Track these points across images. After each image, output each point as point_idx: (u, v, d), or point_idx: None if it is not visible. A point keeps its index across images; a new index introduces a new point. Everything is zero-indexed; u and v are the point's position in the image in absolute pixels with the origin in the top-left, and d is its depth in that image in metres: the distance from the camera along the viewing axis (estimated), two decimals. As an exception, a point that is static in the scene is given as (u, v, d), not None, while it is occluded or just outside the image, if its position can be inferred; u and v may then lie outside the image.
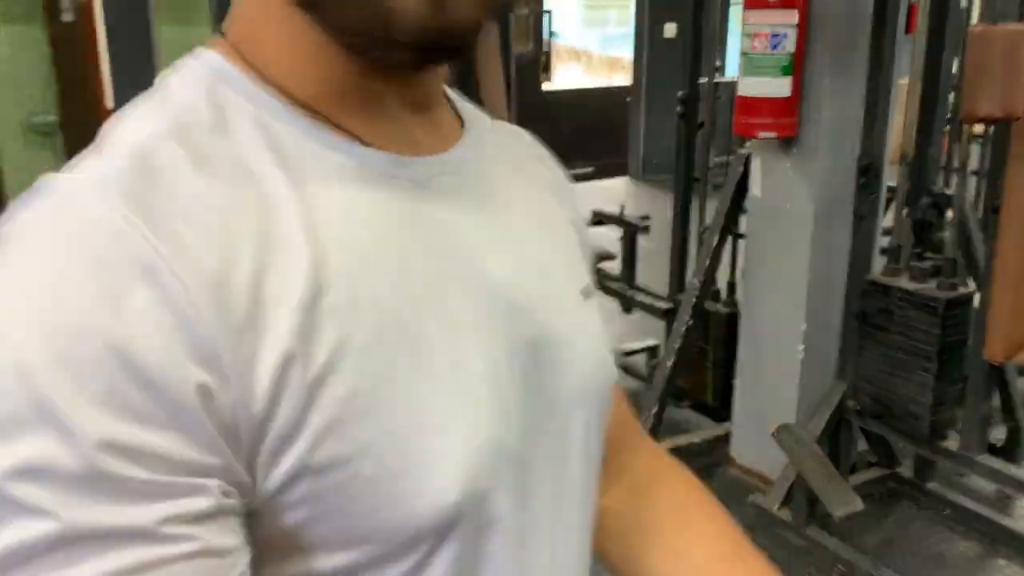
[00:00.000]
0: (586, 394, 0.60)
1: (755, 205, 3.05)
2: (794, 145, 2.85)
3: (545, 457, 0.56)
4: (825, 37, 2.71)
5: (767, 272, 3.03)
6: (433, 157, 0.55)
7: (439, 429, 0.48)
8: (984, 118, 2.37)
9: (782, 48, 2.72)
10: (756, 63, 2.77)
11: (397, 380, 0.47)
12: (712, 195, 3.50)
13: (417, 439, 0.47)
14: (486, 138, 0.62)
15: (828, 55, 2.71)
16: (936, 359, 2.52)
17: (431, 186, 0.54)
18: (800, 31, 2.70)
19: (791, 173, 2.89)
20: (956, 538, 2.82)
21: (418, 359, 0.48)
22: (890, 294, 2.61)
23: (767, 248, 3.02)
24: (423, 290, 0.50)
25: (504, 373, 0.53)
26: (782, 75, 2.74)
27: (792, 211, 2.90)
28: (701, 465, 3.29)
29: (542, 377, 0.56)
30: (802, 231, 2.87)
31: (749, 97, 2.82)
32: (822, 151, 2.80)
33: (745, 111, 2.85)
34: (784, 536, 2.81)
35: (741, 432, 3.24)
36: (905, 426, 2.65)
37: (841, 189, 2.81)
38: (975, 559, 2.72)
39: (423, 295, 0.50)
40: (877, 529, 2.87)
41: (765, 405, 3.08)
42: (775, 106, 2.78)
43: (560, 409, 0.58)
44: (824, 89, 2.74)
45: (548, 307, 0.58)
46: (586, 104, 9.25)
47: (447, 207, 0.54)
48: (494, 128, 0.66)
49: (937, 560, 2.71)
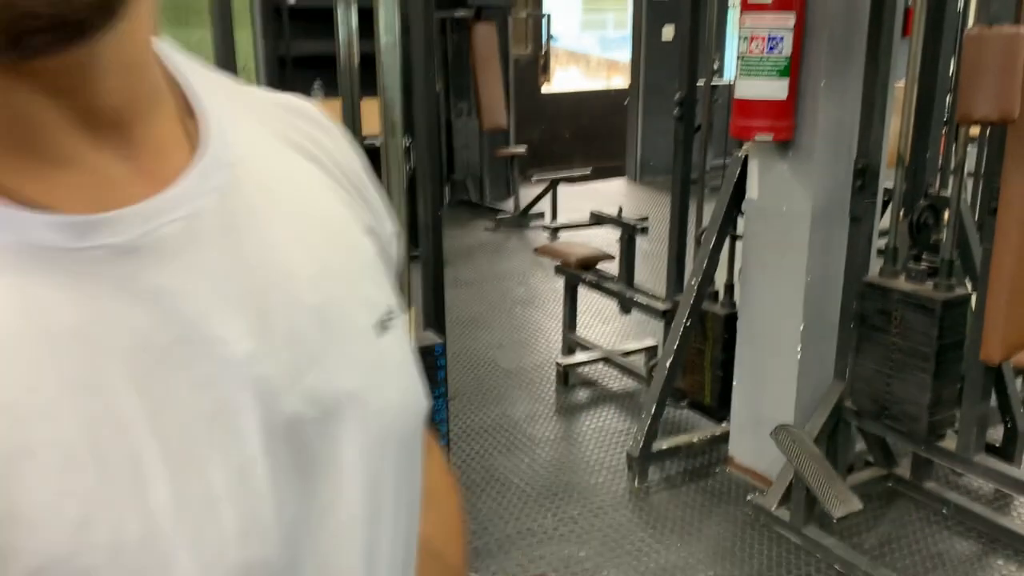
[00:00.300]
0: (386, 444, 0.50)
1: (752, 207, 3.07)
2: (791, 147, 2.87)
3: (329, 544, 0.47)
4: (822, 40, 2.73)
5: (765, 273, 3.05)
6: (147, 203, 0.40)
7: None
8: (980, 120, 2.39)
9: (779, 51, 2.74)
10: (753, 66, 2.78)
11: (97, 545, 0.36)
12: (710, 197, 3.51)
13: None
14: (238, 140, 0.47)
15: (825, 58, 2.73)
16: (933, 360, 2.54)
17: (145, 246, 0.40)
18: (797, 33, 2.71)
19: (788, 175, 2.90)
20: (954, 538, 2.83)
21: (125, 500, 0.37)
22: (887, 296, 2.63)
23: (765, 250, 3.04)
24: (132, 403, 0.38)
25: (258, 476, 0.42)
26: (779, 77, 2.76)
27: (789, 213, 2.91)
28: (699, 465, 3.31)
29: (317, 453, 0.45)
30: (799, 233, 2.89)
31: (746, 99, 2.84)
32: (819, 153, 2.81)
33: (742, 113, 2.86)
34: (782, 536, 2.83)
35: (739, 432, 3.25)
36: (903, 426, 2.67)
37: (838, 191, 2.83)
38: (973, 559, 2.73)
39: (130, 411, 0.38)
40: (875, 529, 2.89)
41: (763, 405, 3.10)
42: (772, 108, 2.80)
43: (350, 479, 0.47)
44: (821, 92, 2.76)
45: (324, 365, 0.46)
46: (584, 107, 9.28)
47: (171, 271, 0.40)
48: (257, 113, 0.52)
49: (935, 560, 2.72)
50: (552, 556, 2.74)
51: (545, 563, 2.71)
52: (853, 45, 2.73)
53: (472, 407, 3.81)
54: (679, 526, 2.92)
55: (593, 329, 4.70)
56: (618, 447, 3.44)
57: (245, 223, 0.45)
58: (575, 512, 3.00)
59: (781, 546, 2.79)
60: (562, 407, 3.85)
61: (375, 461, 0.49)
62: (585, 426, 3.67)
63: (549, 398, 3.92)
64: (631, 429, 3.54)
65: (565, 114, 9.11)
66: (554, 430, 3.63)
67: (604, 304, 4.68)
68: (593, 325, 4.76)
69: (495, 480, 3.20)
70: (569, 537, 2.85)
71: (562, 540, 2.84)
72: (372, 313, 0.51)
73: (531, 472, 3.27)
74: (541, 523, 2.93)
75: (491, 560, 2.72)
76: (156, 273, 0.40)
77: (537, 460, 3.36)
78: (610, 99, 9.28)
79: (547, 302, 5.21)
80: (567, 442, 3.54)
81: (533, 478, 3.22)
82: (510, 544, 2.81)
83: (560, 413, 3.79)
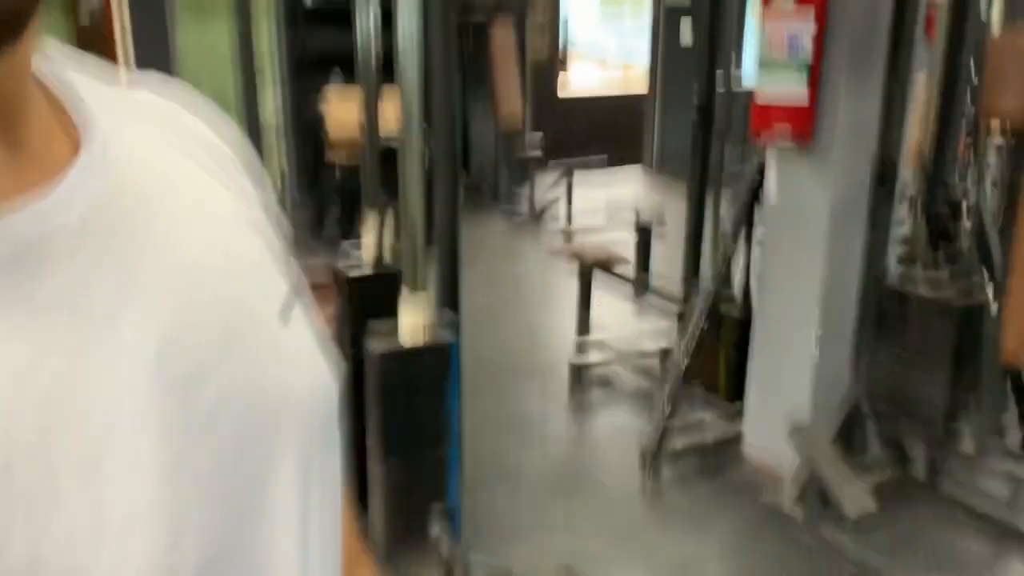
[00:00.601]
0: (305, 430, 0.50)
1: (770, 209, 3.06)
2: (810, 149, 2.87)
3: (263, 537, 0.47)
4: (842, 41, 2.72)
5: (782, 275, 3.05)
6: (31, 208, 0.39)
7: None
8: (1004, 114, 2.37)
9: (799, 52, 2.74)
10: (772, 67, 2.79)
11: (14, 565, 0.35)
12: (727, 200, 3.52)
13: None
14: (123, 141, 0.46)
15: (845, 59, 2.73)
16: (951, 362, 2.54)
17: (33, 253, 0.38)
18: (818, 35, 2.71)
19: (807, 177, 2.90)
20: (968, 539, 2.82)
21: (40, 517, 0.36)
22: (905, 298, 2.62)
23: (782, 251, 3.04)
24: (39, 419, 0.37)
25: (180, 478, 0.41)
26: (799, 79, 2.76)
27: (807, 214, 2.91)
28: (713, 463, 3.31)
29: (241, 448, 0.45)
30: (817, 234, 2.89)
31: (765, 101, 2.84)
32: (838, 155, 2.81)
33: (761, 115, 2.87)
34: (796, 535, 2.82)
35: (754, 431, 3.25)
36: (919, 428, 2.66)
37: (857, 193, 2.82)
38: (987, 560, 2.72)
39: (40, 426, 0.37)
40: (889, 529, 2.88)
41: (778, 405, 3.09)
42: (791, 110, 2.80)
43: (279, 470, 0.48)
44: (841, 93, 2.76)
45: (236, 359, 0.46)
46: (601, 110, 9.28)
47: (66, 274, 0.39)
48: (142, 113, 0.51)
49: (949, 561, 2.71)
50: (564, 549, 2.75)
51: (558, 556, 2.71)
52: (874, 46, 2.73)
53: (486, 404, 3.81)
54: (692, 522, 2.92)
55: (607, 330, 4.70)
56: (631, 445, 3.44)
57: (137, 223, 0.44)
58: (588, 507, 3.00)
59: (794, 544, 2.78)
60: (575, 405, 3.85)
61: (302, 448, 0.49)
62: (598, 424, 3.67)
63: (562, 396, 3.93)
64: (644, 428, 3.54)
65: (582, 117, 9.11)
66: (567, 427, 3.63)
67: (618, 305, 4.68)
68: (607, 326, 4.76)
69: (508, 475, 3.21)
70: (582, 531, 2.86)
71: (574, 534, 2.84)
72: (274, 303, 0.51)
73: (544, 467, 3.27)
74: (553, 516, 2.94)
75: (504, 552, 2.72)
76: (48, 281, 0.38)
77: (550, 456, 3.36)
78: (627, 102, 9.28)
79: (561, 300, 5.21)
80: (580, 439, 3.55)
81: (546, 473, 3.23)
82: (522, 537, 2.81)
83: (573, 411, 3.80)
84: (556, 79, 8.99)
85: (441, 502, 2.43)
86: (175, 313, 0.43)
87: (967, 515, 2.92)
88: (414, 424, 2.35)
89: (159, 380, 0.41)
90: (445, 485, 2.44)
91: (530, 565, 2.66)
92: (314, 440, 0.51)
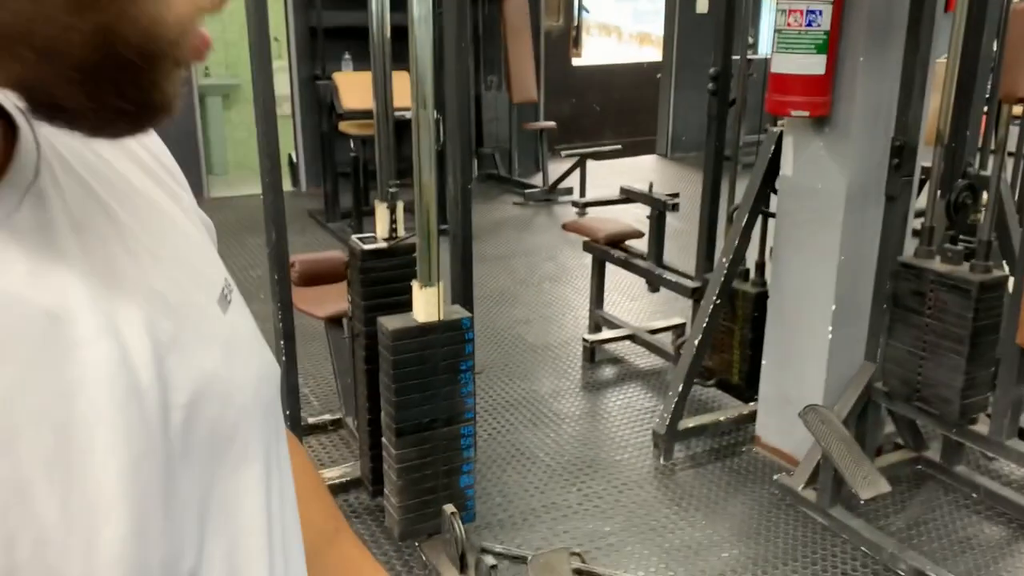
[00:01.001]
0: (254, 416, 0.52)
1: (786, 184, 3.03)
2: (827, 124, 2.82)
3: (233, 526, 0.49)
4: (861, 14, 2.67)
5: (797, 252, 3.01)
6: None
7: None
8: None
9: (817, 25, 2.69)
10: (790, 40, 2.74)
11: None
12: (742, 174, 3.47)
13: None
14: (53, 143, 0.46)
15: (864, 33, 2.67)
16: (968, 342, 2.50)
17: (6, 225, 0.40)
18: (836, 7, 2.66)
19: (823, 152, 2.86)
20: (983, 522, 2.81)
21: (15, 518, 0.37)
22: (922, 276, 2.59)
23: (798, 228, 3.00)
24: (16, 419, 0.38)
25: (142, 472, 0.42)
26: (816, 53, 2.71)
27: (824, 191, 2.87)
28: (726, 444, 3.30)
29: (200, 438, 0.46)
30: (833, 211, 2.85)
31: (782, 74, 2.79)
32: (856, 130, 2.77)
33: (778, 89, 2.82)
34: (808, 516, 2.81)
35: (767, 412, 3.23)
36: (935, 409, 2.64)
37: (874, 169, 2.78)
38: (1002, 543, 2.71)
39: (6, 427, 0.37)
40: (903, 512, 2.87)
41: (792, 385, 3.07)
42: (808, 84, 2.75)
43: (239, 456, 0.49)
44: (859, 68, 2.70)
45: (183, 350, 0.46)
46: (615, 80, 9.19)
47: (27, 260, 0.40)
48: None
49: (963, 544, 2.70)
50: (576, 531, 2.76)
51: (569, 537, 2.72)
52: (893, 20, 2.67)
53: (499, 382, 3.81)
54: (704, 504, 2.92)
55: (621, 306, 4.68)
56: (644, 424, 3.43)
57: (76, 219, 0.44)
58: (600, 488, 3.00)
59: (807, 527, 2.78)
60: (588, 384, 3.85)
61: (261, 434, 0.51)
62: (611, 403, 3.67)
63: (575, 374, 3.92)
64: (657, 407, 3.53)
65: (596, 87, 9.02)
66: (580, 406, 3.63)
67: (632, 281, 4.66)
68: (621, 302, 4.74)
69: (521, 454, 3.22)
70: (594, 512, 2.86)
71: (587, 515, 2.85)
72: (213, 290, 0.52)
73: (556, 447, 3.27)
74: (566, 498, 2.94)
75: (516, 533, 2.73)
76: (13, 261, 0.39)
77: (563, 435, 3.36)
78: (642, 72, 9.17)
79: (575, 278, 5.19)
80: (593, 418, 3.54)
81: (559, 453, 3.23)
82: (535, 518, 2.82)
83: (586, 389, 3.79)
84: (569, 49, 8.89)
85: (455, 480, 2.44)
86: (122, 309, 0.44)
87: (982, 497, 2.90)
88: (428, 402, 2.35)
89: (113, 376, 0.42)
90: (460, 463, 2.44)
91: (540, 551, 2.67)
92: (268, 424, 0.53)
